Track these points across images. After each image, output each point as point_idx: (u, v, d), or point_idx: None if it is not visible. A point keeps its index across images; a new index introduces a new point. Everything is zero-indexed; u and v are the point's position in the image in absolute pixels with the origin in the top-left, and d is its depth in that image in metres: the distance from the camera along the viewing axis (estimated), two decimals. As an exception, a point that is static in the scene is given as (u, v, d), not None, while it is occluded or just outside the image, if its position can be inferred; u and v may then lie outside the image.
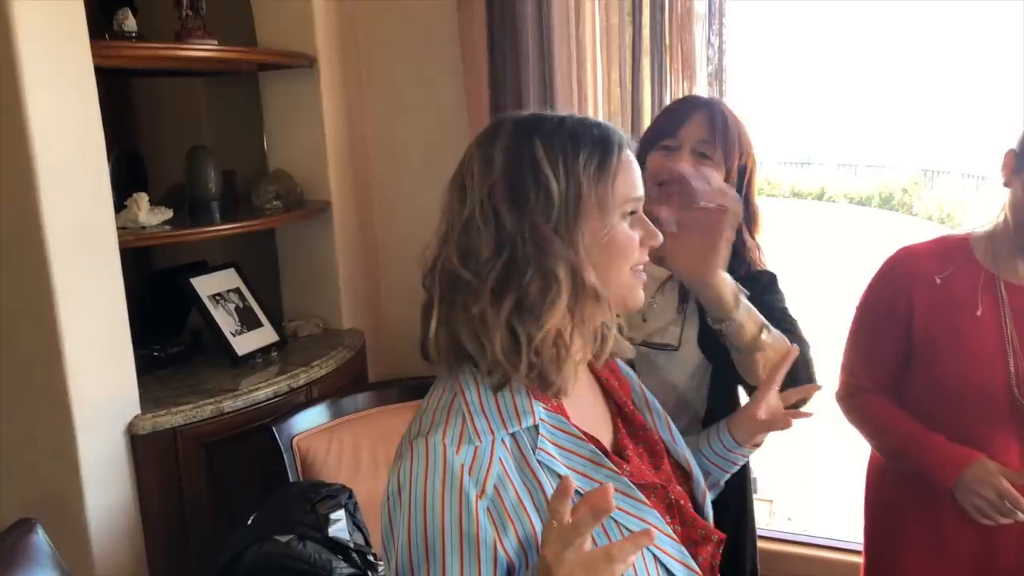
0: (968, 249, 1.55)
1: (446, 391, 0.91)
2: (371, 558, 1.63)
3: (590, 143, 0.90)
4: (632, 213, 0.93)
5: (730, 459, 1.23)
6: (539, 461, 0.87)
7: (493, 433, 0.87)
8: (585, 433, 0.94)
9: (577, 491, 0.87)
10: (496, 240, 0.87)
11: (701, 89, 2.11)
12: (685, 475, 1.07)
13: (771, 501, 3.80)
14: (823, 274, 9.04)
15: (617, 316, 1.00)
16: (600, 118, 2.15)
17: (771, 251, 1.62)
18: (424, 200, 0.99)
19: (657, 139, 1.49)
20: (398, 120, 2.54)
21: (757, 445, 1.25)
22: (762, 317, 1.28)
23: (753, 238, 1.54)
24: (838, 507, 4.02)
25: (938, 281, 1.53)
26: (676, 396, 1.49)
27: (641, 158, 1.51)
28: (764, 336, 1.27)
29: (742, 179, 1.50)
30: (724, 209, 1.20)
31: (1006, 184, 1.48)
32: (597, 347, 1.00)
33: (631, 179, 0.92)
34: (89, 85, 1.71)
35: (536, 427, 0.89)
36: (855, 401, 1.65)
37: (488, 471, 0.84)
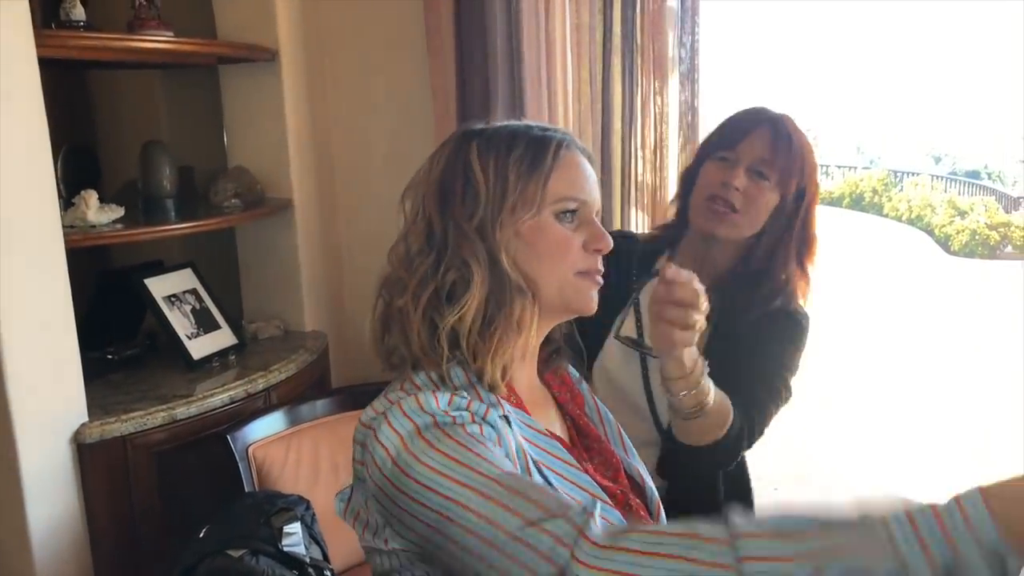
0: None
1: (406, 387, 0.89)
2: (327, 573, 1.57)
3: (525, 142, 0.90)
4: (572, 212, 0.91)
5: None
6: (518, 444, 0.87)
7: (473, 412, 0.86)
8: (548, 430, 0.94)
9: (550, 482, 0.88)
10: (426, 240, 0.90)
11: (673, 89, 2.07)
12: (639, 489, 1.06)
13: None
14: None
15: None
16: (570, 117, 2.14)
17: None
18: (389, 198, 1.00)
19: (716, 149, 1.44)
20: (362, 116, 2.48)
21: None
22: (712, 394, 1.19)
23: (803, 269, 1.46)
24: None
25: None
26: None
27: (698, 164, 1.47)
28: (701, 411, 1.19)
29: (800, 203, 1.43)
30: (670, 305, 1.09)
31: None
32: (548, 353, 1.02)
33: (570, 178, 0.91)
34: (32, 76, 1.62)
35: (506, 418, 0.89)
36: None
37: (485, 415, 0.85)
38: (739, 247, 1.46)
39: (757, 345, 1.38)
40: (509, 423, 0.88)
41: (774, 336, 1.40)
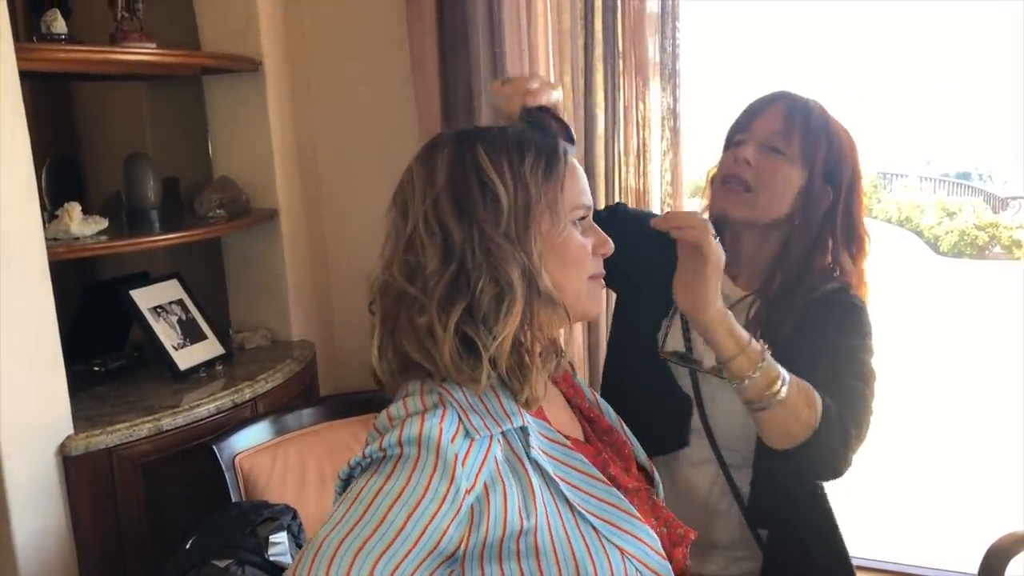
0: None
1: (425, 392, 0.86)
2: (314, 582, 1.57)
3: (535, 148, 0.88)
4: (582, 219, 0.92)
5: None
6: (533, 459, 0.85)
7: (490, 430, 0.84)
8: (569, 437, 0.93)
9: (573, 506, 0.85)
10: (443, 251, 0.85)
11: (655, 93, 2.08)
12: (647, 476, 1.07)
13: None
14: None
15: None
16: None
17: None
18: (375, 206, 0.99)
19: (732, 136, 1.36)
20: (347, 125, 2.48)
21: None
22: (781, 370, 1.10)
23: (853, 263, 1.32)
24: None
25: None
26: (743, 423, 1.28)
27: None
28: (775, 392, 1.08)
29: (835, 187, 1.30)
30: (693, 239, 1.07)
31: None
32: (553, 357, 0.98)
33: (579, 185, 0.92)
34: (14, 89, 1.62)
35: (524, 429, 0.86)
36: None
37: (481, 468, 0.81)
38: (772, 236, 1.33)
39: (815, 331, 1.24)
40: (527, 434, 0.86)
41: (831, 319, 1.26)
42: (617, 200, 2.16)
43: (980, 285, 9.41)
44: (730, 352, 1.10)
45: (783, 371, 1.11)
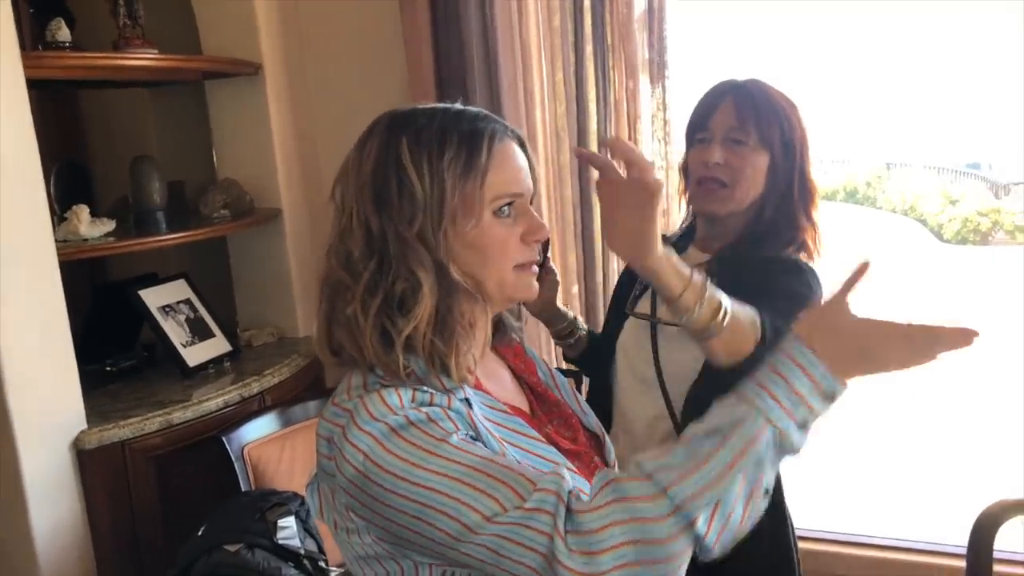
0: None
1: (368, 383, 0.88)
2: (322, 564, 1.62)
3: (457, 140, 0.88)
4: (509, 205, 0.91)
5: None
6: (478, 426, 0.88)
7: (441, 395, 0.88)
8: (508, 404, 0.96)
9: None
10: (365, 243, 0.88)
11: (644, 87, 2.13)
12: (599, 444, 1.10)
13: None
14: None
15: None
16: (547, 120, 2.18)
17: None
18: None
19: (693, 133, 1.45)
20: (347, 124, 2.49)
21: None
22: (726, 299, 1.16)
23: (807, 217, 1.44)
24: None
25: None
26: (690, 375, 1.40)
27: (687, 152, 1.49)
28: (721, 319, 1.15)
29: (791, 156, 1.41)
30: (642, 183, 1.05)
31: None
32: (490, 336, 1.01)
33: (506, 173, 0.91)
34: (20, 96, 1.69)
35: (467, 400, 0.90)
36: None
37: (449, 405, 0.86)
38: (746, 215, 1.44)
39: (765, 284, 1.31)
40: (470, 405, 0.90)
41: (781, 277, 1.35)
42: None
43: (984, 271, 9.41)
44: (677, 289, 1.12)
45: (724, 298, 1.17)
